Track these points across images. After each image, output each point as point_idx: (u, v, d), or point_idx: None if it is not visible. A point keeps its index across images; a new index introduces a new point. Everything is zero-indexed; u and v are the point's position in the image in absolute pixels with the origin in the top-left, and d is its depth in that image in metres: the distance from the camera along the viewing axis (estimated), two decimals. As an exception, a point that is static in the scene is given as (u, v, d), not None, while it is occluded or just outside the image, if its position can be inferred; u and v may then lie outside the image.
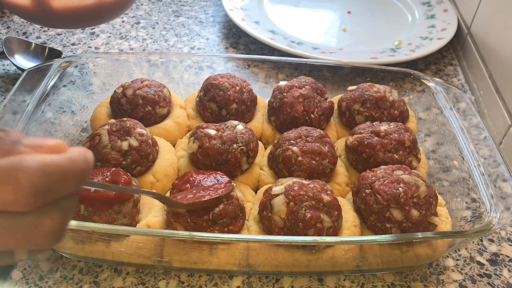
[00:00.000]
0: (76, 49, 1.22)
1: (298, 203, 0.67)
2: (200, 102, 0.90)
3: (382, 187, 0.70)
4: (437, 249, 0.71)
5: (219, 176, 0.71)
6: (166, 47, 1.26)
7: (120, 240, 0.66)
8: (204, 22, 1.37)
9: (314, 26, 1.34)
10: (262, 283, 0.73)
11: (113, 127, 0.77)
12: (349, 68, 1.00)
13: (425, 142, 0.93)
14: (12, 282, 0.71)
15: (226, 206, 0.68)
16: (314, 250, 0.67)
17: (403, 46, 1.24)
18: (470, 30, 1.23)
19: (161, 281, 0.73)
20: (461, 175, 0.81)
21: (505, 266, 0.78)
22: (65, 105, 0.90)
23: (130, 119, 0.81)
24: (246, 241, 0.65)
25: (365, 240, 0.65)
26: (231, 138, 0.77)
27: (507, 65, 1.01)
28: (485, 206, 0.71)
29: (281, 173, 0.79)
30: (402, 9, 1.43)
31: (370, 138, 0.80)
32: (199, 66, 1.04)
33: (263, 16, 1.34)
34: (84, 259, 0.74)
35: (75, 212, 0.43)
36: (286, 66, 1.12)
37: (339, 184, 0.81)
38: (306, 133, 0.80)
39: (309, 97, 0.87)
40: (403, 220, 0.68)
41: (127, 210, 0.68)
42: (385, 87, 0.90)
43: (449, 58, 1.28)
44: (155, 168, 0.79)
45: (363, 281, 0.74)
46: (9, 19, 1.30)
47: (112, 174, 0.70)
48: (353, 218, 0.73)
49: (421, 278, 0.75)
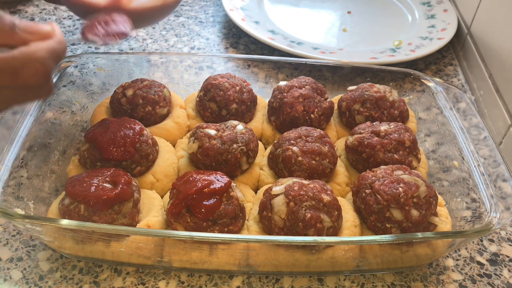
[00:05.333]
0: (76, 49, 1.22)
1: (298, 203, 0.67)
2: (200, 102, 0.90)
3: (382, 187, 0.70)
4: (437, 249, 0.71)
5: (219, 176, 0.71)
6: (166, 47, 1.26)
7: (120, 240, 0.66)
8: (204, 22, 1.37)
9: (314, 26, 1.34)
10: (262, 283, 0.73)
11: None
12: (349, 68, 1.00)
13: (425, 142, 0.93)
14: (12, 282, 0.71)
15: (226, 206, 0.68)
16: (314, 250, 0.67)
17: (403, 46, 1.24)
18: (470, 30, 1.23)
19: (161, 281, 0.73)
20: (461, 175, 0.81)
21: (505, 266, 0.78)
22: (65, 105, 0.90)
23: (127, 118, 0.81)
24: (246, 241, 0.65)
25: (365, 240, 0.65)
26: (231, 138, 0.77)
27: (507, 65, 1.01)
28: (485, 206, 0.71)
29: (281, 173, 0.79)
30: (402, 9, 1.43)
31: (370, 138, 0.80)
32: (199, 66, 1.04)
33: (263, 16, 1.34)
34: (84, 259, 0.74)
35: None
36: (286, 66, 1.12)
37: (339, 184, 0.81)
38: (306, 133, 0.80)
39: (309, 97, 0.87)
40: (403, 220, 0.68)
41: (127, 210, 0.68)
42: (385, 87, 0.90)
43: (449, 58, 1.28)
44: (155, 168, 0.79)
45: (363, 281, 0.74)
46: (9, 19, 1.30)
47: (112, 174, 0.70)
48: (353, 218, 0.73)
49: (421, 278, 0.75)
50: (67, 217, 0.67)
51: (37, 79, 0.51)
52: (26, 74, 0.50)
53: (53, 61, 0.52)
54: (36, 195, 0.75)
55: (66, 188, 0.68)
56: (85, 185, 0.67)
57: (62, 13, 1.35)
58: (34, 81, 0.51)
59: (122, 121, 0.79)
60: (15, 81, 0.50)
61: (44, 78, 0.52)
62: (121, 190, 0.67)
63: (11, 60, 0.49)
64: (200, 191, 0.67)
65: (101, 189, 0.67)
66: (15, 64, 0.49)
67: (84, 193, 0.66)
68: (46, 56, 0.51)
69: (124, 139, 0.75)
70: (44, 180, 0.79)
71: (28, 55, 0.49)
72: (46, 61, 0.51)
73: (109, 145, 0.74)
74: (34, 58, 0.50)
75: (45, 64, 0.51)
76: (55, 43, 0.53)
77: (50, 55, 0.51)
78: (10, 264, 0.73)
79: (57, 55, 0.53)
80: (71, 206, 0.66)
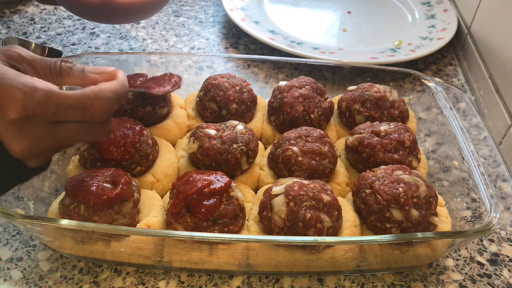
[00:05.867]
0: (76, 49, 1.22)
1: (298, 203, 0.67)
2: (200, 102, 0.90)
3: (382, 187, 0.70)
4: (437, 249, 0.71)
5: (219, 176, 0.71)
6: (166, 47, 1.26)
7: (120, 240, 0.66)
8: (204, 22, 1.37)
9: (314, 26, 1.34)
10: (262, 283, 0.73)
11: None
12: (349, 68, 1.00)
13: (425, 142, 0.93)
14: (12, 282, 0.71)
15: (226, 206, 0.68)
16: (314, 250, 0.67)
17: (403, 46, 1.24)
18: (470, 30, 1.23)
19: (161, 281, 0.73)
20: (461, 175, 0.81)
21: (505, 266, 0.78)
22: (65, 105, 0.90)
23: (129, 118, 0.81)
24: (246, 241, 0.65)
25: (365, 240, 0.65)
26: (231, 138, 0.77)
27: (507, 65, 1.01)
28: (485, 206, 0.71)
29: (281, 173, 0.79)
30: (402, 9, 1.43)
31: (370, 138, 0.80)
32: (199, 66, 1.04)
33: (263, 16, 1.34)
34: (84, 259, 0.74)
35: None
36: (286, 66, 1.12)
37: (339, 184, 0.81)
38: (306, 133, 0.80)
39: (309, 97, 0.87)
40: (403, 220, 0.68)
41: (127, 210, 0.68)
42: (385, 87, 0.90)
43: (449, 58, 1.28)
44: (155, 168, 0.79)
45: (363, 281, 0.74)
46: (9, 19, 1.30)
47: (112, 174, 0.70)
48: (353, 218, 0.73)
49: (421, 278, 0.75)
50: (67, 217, 0.67)
51: (103, 115, 0.56)
52: (94, 110, 0.55)
53: (115, 101, 0.57)
54: (36, 195, 0.75)
55: (66, 188, 0.68)
56: (85, 185, 0.67)
57: (62, 13, 1.35)
58: (99, 117, 0.56)
59: (122, 121, 0.79)
60: (84, 117, 0.55)
61: (107, 116, 0.57)
62: (121, 190, 0.67)
63: (82, 97, 0.54)
64: (200, 191, 0.67)
65: (101, 189, 0.67)
66: (85, 101, 0.54)
67: (84, 193, 0.66)
68: (111, 96, 0.56)
69: (124, 139, 0.75)
70: (44, 180, 0.79)
71: (97, 93, 0.55)
72: (111, 100, 0.56)
73: (109, 145, 0.74)
74: (101, 96, 0.55)
75: (110, 103, 0.56)
76: (118, 85, 0.58)
77: (114, 95, 0.56)
78: (10, 264, 0.73)
79: (119, 96, 0.57)
80: (71, 206, 0.66)
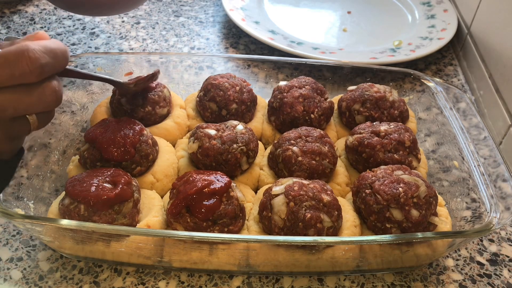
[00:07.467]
0: (76, 49, 1.22)
1: (298, 203, 0.67)
2: (200, 102, 0.90)
3: (382, 187, 0.70)
4: (437, 249, 0.71)
5: (219, 176, 0.71)
6: (166, 47, 1.26)
7: (120, 240, 0.66)
8: (204, 22, 1.37)
9: (314, 26, 1.34)
10: (262, 283, 0.73)
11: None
12: (349, 68, 1.00)
13: (425, 142, 0.93)
14: (12, 282, 0.71)
15: (226, 206, 0.68)
16: (314, 250, 0.67)
17: (403, 46, 1.24)
18: (470, 30, 1.23)
19: (161, 281, 0.73)
20: (461, 175, 0.81)
21: (505, 266, 0.78)
22: (65, 105, 0.90)
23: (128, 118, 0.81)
24: (246, 241, 0.65)
25: (365, 240, 0.65)
26: (231, 138, 0.77)
27: (507, 65, 1.01)
28: (485, 206, 0.71)
29: (281, 173, 0.79)
30: (402, 9, 1.43)
31: (370, 138, 0.80)
32: (199, 66, 1.04)
33: (263, 16, 1.34)
34: (84, 259, 0.74)
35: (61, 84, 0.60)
36: (286, 66, 1.12)
37: (339, 184, 0.81)
38: (306, 133, 0.80)
39: (309, 97, 0.87)
40: (403, 220, 0.68)
41: (127, 210, 0.68)
42: (385, 87, 0.90)
43: (449, 58, 1.28)
44: (155, 168, 0.79)
45: (363, 281, 0.74)
46: (9, 19, 1.30)
47: (112, 174, 0.70)
48: (353, 218, 0.73)
49: (421, 278, 0.75)
50: (67, 217, 0.67)
51: (33, 71, 0.52)
52: (21, 65, 0.52)
53: (46, 55, 0.54)
54: (36, 195, 0.75)
55: (66, 188, 0.68)
56: (85, 185, 0.67)
57: (62, 13, 1.35)
58: (30, 73, 0.52)
59: (122, 121, 0.79)
60: (13, 76, 0.52)
61: (40, 73, 0.53)
62: (121, 190, 0.67)
63: (5, 53, 0.52)
64: (200, 191, 0.67)
65: (101, 189, 0.67)
66: (9, 57, 0.52)
67: (84, 193, 0.66)
68: (39, 49, 0.53)
69: (124, 139, 0.75)
70: (44, 180, 0.79)
71: (20, 47, 0.52)
72: (39, 53, 0.53)
73: (109, 145, 0.74)
74: (26, 49, 0.52)
75: (39, 57, 0.52)
76: (49, 42, 0.56)
77: (43, 49, 0.53)
78: (10, 264, 0.73)
79: (50, 50, 0.54)
80: (71, 206, 0.66)
